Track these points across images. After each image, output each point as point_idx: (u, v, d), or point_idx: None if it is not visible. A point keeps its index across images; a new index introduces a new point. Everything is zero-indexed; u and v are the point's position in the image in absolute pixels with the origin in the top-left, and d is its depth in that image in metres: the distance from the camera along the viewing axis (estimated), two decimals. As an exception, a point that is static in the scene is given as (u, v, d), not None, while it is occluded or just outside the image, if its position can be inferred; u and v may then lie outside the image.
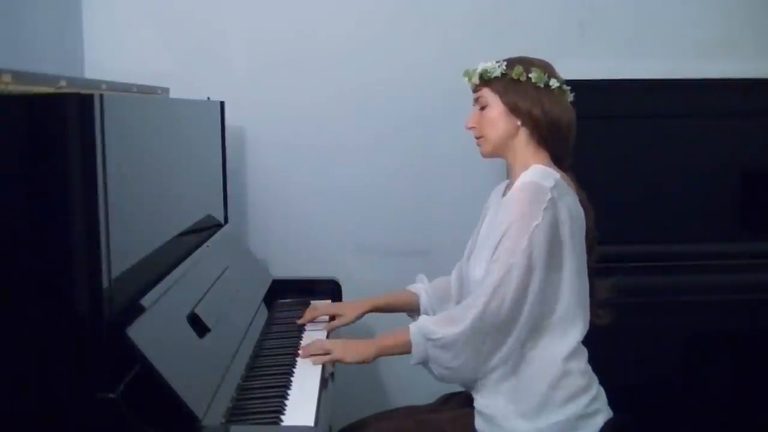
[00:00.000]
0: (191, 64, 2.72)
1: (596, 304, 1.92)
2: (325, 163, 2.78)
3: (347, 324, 2.19)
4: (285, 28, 2.75)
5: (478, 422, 1.83)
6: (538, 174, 1.79)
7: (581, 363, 1.84)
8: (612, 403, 1.88)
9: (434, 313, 2.10)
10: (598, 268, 1.95)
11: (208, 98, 2.50)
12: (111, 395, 1.34)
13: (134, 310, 1.48)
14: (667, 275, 2.56)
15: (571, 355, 1.81)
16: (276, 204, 2.79)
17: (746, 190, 2.63)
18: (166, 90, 2.51)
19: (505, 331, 1.76)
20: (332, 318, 2.21)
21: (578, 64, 2.67)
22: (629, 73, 2.64)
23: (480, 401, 1.83)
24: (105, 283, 1.36)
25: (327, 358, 1.88)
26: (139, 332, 1.43)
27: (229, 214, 2.54)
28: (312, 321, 2.21)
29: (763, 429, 2.64)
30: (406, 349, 1.82)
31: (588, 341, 1.88)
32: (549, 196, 1.75)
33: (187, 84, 2.59)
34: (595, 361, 1.88)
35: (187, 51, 2.72)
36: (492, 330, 1.75)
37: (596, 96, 2.55)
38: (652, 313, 2.50)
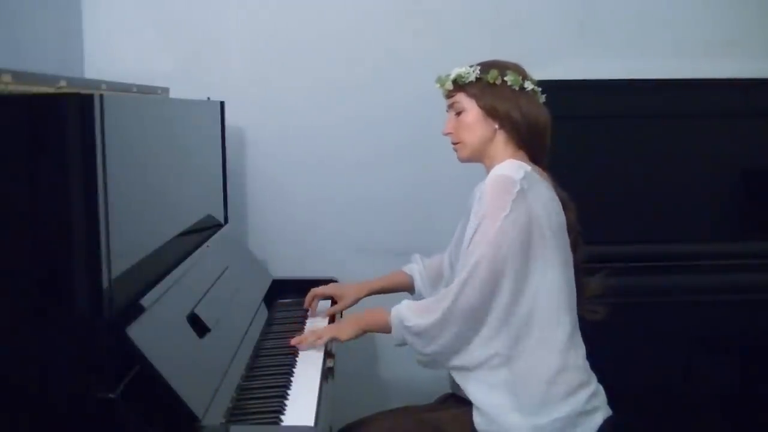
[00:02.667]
0: (191, 64, 2.72)
1: (588, 300, 1.93)
2: (325, 163, 2.78)
3: (347, 307, 2.27)
4: (285, 28, 2.75)
5: (478, 421, 1.84)
6: (508, 167, 1.81)
7: (578, 359, 1.85)
8: (612, 403, 1.88)
9: (427, 295, 2.17)
10: (598, 268, 1.95)
11: (208, 98, 2.50)
12: (111, 395, 1.34)
13: (134, 310, 1.48)
14: (668, 275, 2.56)
15: (566, 349, 1.81)
16: (276, 204, 2.79)
17: (746, 190, 2.63)
18: (166, 90, 2.51)
19: (478, 320, 1.79)
20: (332, 302, 2.31)
21: (578, 64, 2.69)
22: (629, 73, 2.64)
23: (479, 399, 1.83)
24: (105, 283, 1.36)
25: (320, 340, 1.96)
26: (139, 332, 1.43)
27: (229, 214, 2.54)
28: (314, 315, 2.29)
29: (764, 429, 2.64)
30: (387, 330, 1.89)
31: (588, 341, 1.88)
32: (518, 187, 1.76)
33: (187, 84, 2.60)
34: (594, 361, 1.88)
35: (187, 51, 2.72)
36: (463, 321, 1.79)
37: (596, 96, 2.56)
38: (652, 313, 2.50)
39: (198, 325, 1.72)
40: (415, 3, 2.77)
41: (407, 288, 2.23)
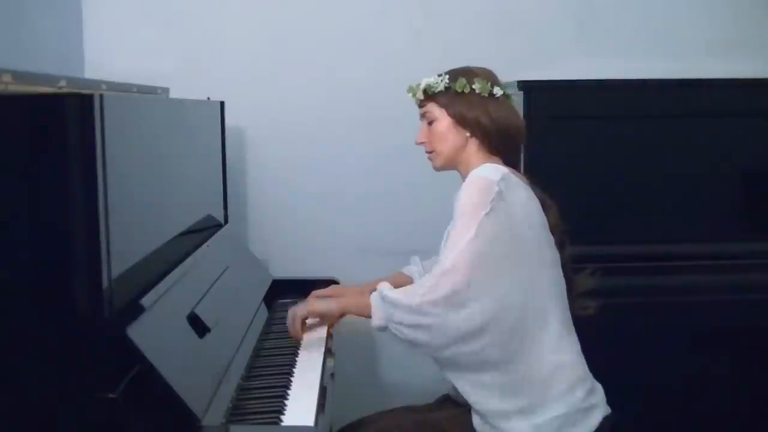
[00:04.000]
0: (191, 64, 2.72)
1: (579, 297, 1.93)
2: (325, 163, 2.78)
3: None
4: (285, 28, 2.75)
5: (476, 421, 1.84)
6: (484, 170, 1.81)
7: (574, 355, 1.85)
8: (612, 402, 1.88)
9: None
10: (598, 268, 1.95)
11: (208, 98, 2.50)
12: (111, 395, 1.34)
13: (134, 310, 1.48)
14: (667, 275, 2.56)
15: (560, 346, 1.82)
16: (276, 204, 2.79)
17: (746, 190, 2.63)
18: (166, 90, 2.51)
19: (460, 315, 1.73)
20: None
21: (578, 64, 2.69)
22: (629, 73, 2.64)
23: (477, 400, 1.83)
24: (105, 283, 1.36)
25: (300, 314, 2.00)
26: (139, 332, 1.43)
27: (229, 214, 2.55)
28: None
29: (763, 429, 2.64)
30: (367, 312, 1.84)
31: (587, 341, 1.88)
32: (497, 188, 1.76)
33: (187, 84, 2.60)
34: (595, 362, 1.88)
35: (187, 51, 2.72)
36: (443, 311, 1.72)
37: (596, 96, 2.56)
38: (653, 313, 2.50)
39: (198, 325, 1.72)
40: (415, 3, 2.77)
41: None
